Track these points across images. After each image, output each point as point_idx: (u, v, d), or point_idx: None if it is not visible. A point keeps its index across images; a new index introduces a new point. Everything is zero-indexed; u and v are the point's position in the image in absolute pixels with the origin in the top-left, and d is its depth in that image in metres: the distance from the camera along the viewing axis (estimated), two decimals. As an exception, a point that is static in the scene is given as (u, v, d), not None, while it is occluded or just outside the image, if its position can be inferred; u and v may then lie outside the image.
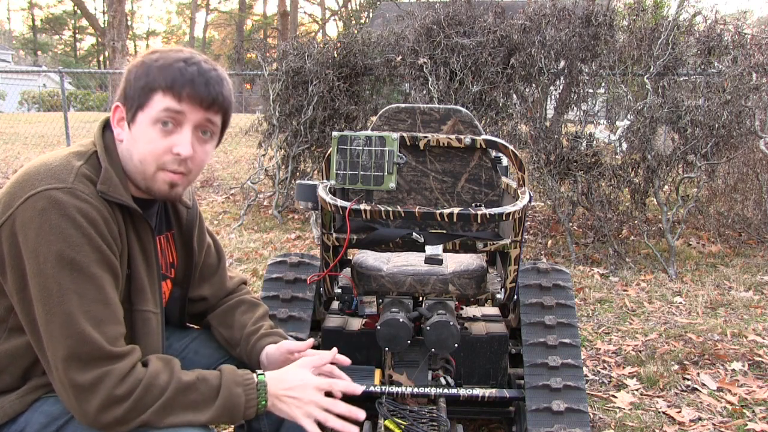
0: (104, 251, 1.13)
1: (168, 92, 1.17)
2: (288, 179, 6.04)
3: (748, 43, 4.84)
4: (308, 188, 1.92)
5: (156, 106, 1.17)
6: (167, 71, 1.17)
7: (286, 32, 24.44)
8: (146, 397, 1.10)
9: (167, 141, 1.19)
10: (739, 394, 2.55)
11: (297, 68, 5.75)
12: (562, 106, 5.35)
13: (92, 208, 1.13)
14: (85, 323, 1.09)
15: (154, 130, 1.18)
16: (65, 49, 47.34)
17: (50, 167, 1.15)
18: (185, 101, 1.18)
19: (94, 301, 1.11)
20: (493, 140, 1.93)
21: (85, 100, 22.61)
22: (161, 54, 1.21)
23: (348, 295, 2.07)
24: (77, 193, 1.12)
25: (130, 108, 1.20)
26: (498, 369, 2.20)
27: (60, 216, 1.09)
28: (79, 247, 1.10)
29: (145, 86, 1.18)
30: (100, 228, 1.13)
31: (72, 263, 1.09)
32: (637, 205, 4.98)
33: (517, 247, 1.84)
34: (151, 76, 1.18)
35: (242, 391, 1.18)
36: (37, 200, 1.10)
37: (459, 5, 5.45)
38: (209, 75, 1.20)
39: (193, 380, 1.16)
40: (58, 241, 1.08)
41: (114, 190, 1.18)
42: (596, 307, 3.71)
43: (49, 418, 1.17)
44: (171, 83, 1.17)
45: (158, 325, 1.29)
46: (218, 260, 1.55)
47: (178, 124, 1.19)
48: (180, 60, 1.19)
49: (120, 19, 13.80)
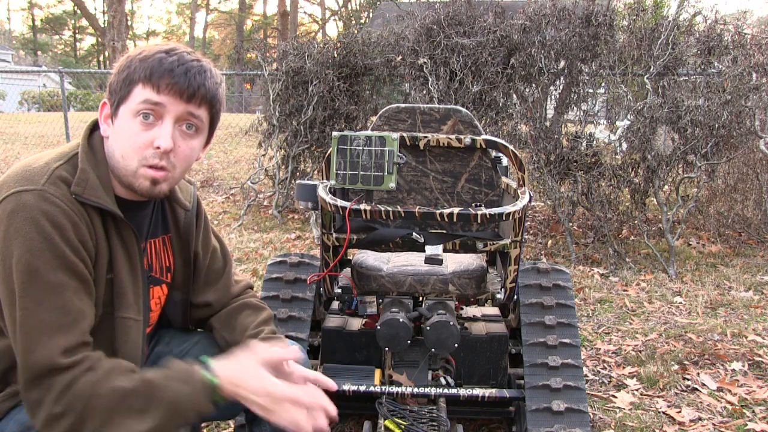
0: (68, 257, 1.10)
1: (147, 83, 1.15)
2: (288, 179, 6.04)
3: (748, 43, 4.84)
4: (308, 188, 1.92)
5: (136, 98, 1.16)
6: (147, 62, 1.16)
7: (286, 32, 24.45)
8: (85, 411, 1.05)
9: (148, 134, 1.16)
10: (739, 394, 2.55)
11: (297, 68, 5.75)
12: (562, 106, 5.35)
13: (60, 211, 1.10)
14: (40, 333, 1.06)
15: (135, 123, 1.16)
16: (65, 49, 47.34)
17: (28, 170, 1.13)
18: (164, 92, 1.15)
19: (53, 308, 1.07)
20: (493, 140, 1.93)
21: (85, 100, 22.59)
22: (145, 48, 1.19)
23: (348, 295, 2.07)
24: (46, 196, 1.10)
25: (113, 102, 1.19)
26: (498, 369, 2.20)
27: (24, 220, 1.07)
28: (40, 252, 1.07)
29: (126, 78, 1.16)
30: (65, 232, 1.10)
31: (31, 269, 1.06)
32: (637, 205, 4.98)
33: (517, 247, 1.84)
34: (132, 68, 1.16)
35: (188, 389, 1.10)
36: (8, 202, 1.09)
37: (459, 5, 5.45)
38: (190, 65, 1.17)
39: (137, 384, 1.09)
40: (20, 245, 1.07)
41: (90, 192, 1.15)
42: (596, 307, 3.71)
43: (22, 426, 1.13)
44: (150, 74, 1.15)
45: (138, 333, 1.26)
46: (224, 265, 1.51)
47: (158, 117, 1.17)
48: (161, 51, 1.17)
49: (120, 19, 13.80)
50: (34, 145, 11.26)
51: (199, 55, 1.22)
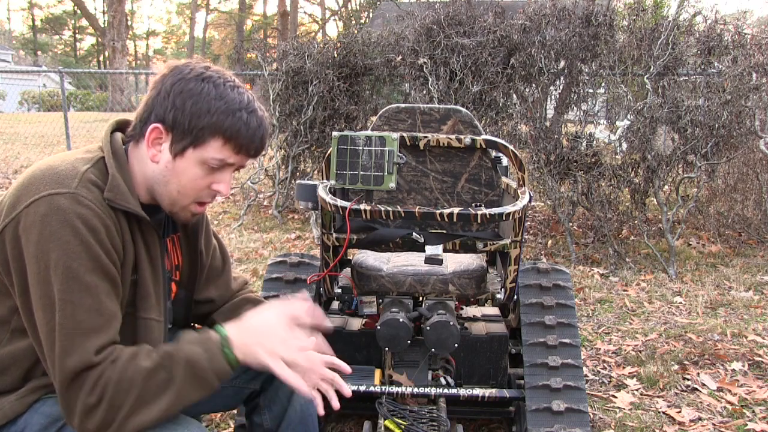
0: (102, 260, 1.12)
1: (228, 143, 1.18)
2: (288, 179, 6.04)
3: (748, 43, 4.83)
4: (308, 188, 1.92)
5: (212, 152, 1.18)
6: (231, 120, 1.17)
7: (286, 32, 24.46)
8: (117, 396, 1.08)
9: (209, 179, 1.22)
10: (739, 394, 2.55)
11: (297, 68, 5.75)
12: (562, 106, 5.35)
13: (94, 215, 1.12)
14: (77, 335, 1.08)
15: (201, 170, 1.20)
16: (65, 49, 47.33)
17: (56, 171, 1.14)
18: (242, 153, 1.21)
19: (89, 310, 1.10)
20: (493, 140, 1.93)
21: (85, 100, 22.60)
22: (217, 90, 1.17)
23: (348, 295, 2.07)
24: (79, 199, 1.11)
25: (179, 140, 1.18)
26: (498, 369, 2.20)
27: (60, 222, 1.09)
28: (77, 254, 1.09)
29: (205, 128, 1.17)
30: (100, 236, 1.12)
31: (68, 271, 1.09)
32: (637, 205, 4.98)
33: (517, 247, 1.84)
34: (213, 119, 1.16)
35: (201, 349, 1.14)
36: (40, 205, 1.10)
37: (459, 5, 5.45)
38: (265, 126, 1.22)
39: (157, 361, 1.12)
40: (57, 248, 1.08)
41: (121, 197, 1.17)
42: (596, 307, 3.71)
43: (49, 419, 1.17)
44: (234, 135, 1.18)
45: (160, 334, 1.29)
46: (223, 262, 1.56)
47: (224, 166, 1.22)
48: (242, 107, 1.19)
49: (120, 19, 13.81)
50: (34, 145, 11.25)
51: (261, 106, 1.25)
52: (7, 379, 1.19)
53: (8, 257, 1.12)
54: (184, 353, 1.13)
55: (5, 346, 1.18)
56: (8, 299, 1.16)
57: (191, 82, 1.17)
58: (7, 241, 1.12)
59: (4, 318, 1.18)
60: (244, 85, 1.25)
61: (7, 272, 1.13)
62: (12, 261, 1.12)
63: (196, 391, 1.13)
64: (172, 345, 1.16)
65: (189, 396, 1.13)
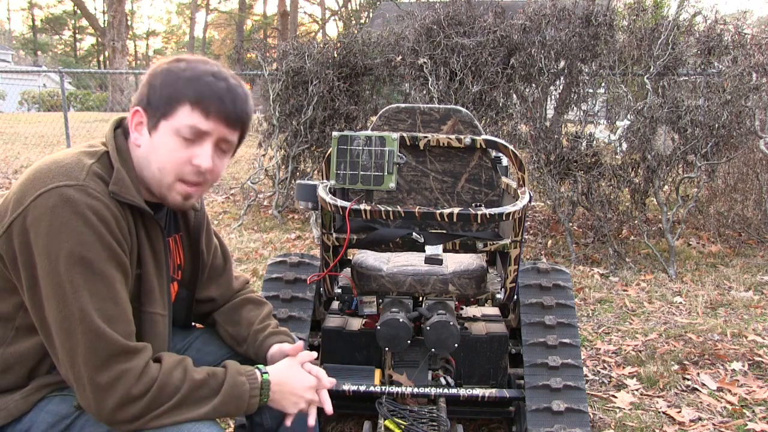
0: (115, 249, 1.13)
1: (196, 107, 1.17)
2: (288, 179, 6.04)
3: (748, 43, 4.84)
4: (308, 188, 1.92)
5: (181, 119, 1.17)
6: (196, 84, 1.17)
7: (286, 32, 24.46)
8: (161, 395, 1.11)
9: (188, 152, 1.19)
10: (739, 394, 2.55)
11: (297, 68, 5.75)
12: (562, 106, 5.35)
13: (103, 206, 1.12)
14: (100, 321, 1.09)
15: (176, 141, 1.18)
16: (65, 49, 47.32)
17: (61, 165, 1.14)
18: (212, 119, 1.18)
19: (106, 299, 1.10)
20: (493, 140, 1.93)
21: (85, 100, 22.59)
22: (188, 64, 1.20)
23: (348, 295, 2.07)
24: (89, 191, 1.11)
25: (152, 115, 1.19)
26: (498, 369, 2.20)
27: (71, 213, 1.09)
28: (90, 244, 1.09)
29: (171, 96, 1.17)
30: (110, 226, 1.13)
31: (83, 261, 1.09)
32: (637, 205, 4.98)
33: (517, 247, 1.84)
34: (179, 87, 1.17)
35: (246, 380, 1.21)
36: (49, 197, 1.09)
37: (459, 5, 5.45)
38: (237, 92, 1.21)
39: (204, 377, 1.18)
40: (70, 238, 1.08)
41: (126, 191, 1.17)
42: (596, 307, 3.71)
43: (56, 417, 1.17)
44: (199, 97, 1.17)
45: (165, 328, 1.30)
46: (224, 261, 1.56)
47: (199, 137, 1.20)
48: (209, 73, 1.19)
49: (120, 19, 13.81)
50: (34, 145, 11.25)
51: (240, 79, 1.25)
52: (11, 378, 1.19)
53: (15, 252, 1.11)
54: (233, 379, 1.20)
55: (10, 344, 1.18)
56: (13, 296, 1.16)
57: (165, 64, 1.21)
58: (15, 235, 1.11)
59: (9, 315, 1.17)
60: (245, 84, 1.25)
61: (14, 267, 1.13)
62: (20, 255, 1.11)
63: (223, 413, 1.19)
64: (220, 369, 1.22)
65: (216, 415, 1.18)
